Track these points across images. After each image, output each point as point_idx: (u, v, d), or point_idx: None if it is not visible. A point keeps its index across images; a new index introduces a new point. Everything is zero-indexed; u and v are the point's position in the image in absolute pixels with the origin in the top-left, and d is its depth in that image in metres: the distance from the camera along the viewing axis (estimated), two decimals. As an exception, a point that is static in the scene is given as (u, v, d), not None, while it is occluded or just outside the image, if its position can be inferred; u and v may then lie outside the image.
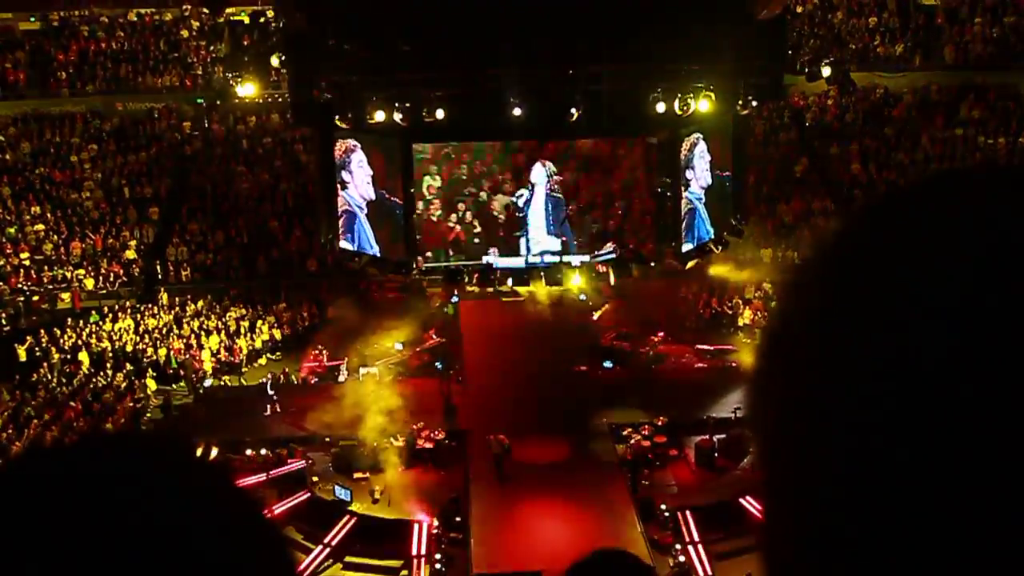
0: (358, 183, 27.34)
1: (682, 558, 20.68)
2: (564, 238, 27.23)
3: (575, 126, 26.64)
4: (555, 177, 26.93)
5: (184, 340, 30.57)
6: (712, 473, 23.98)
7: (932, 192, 0.75)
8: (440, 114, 24.61)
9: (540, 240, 27.12)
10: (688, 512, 22.09)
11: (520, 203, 27.15)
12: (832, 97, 39.82)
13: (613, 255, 27.27)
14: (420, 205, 27.35)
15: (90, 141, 37.97)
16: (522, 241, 27.26)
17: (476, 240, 27.35)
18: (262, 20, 29.63)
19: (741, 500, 22.59)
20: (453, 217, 27.36)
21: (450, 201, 27.22)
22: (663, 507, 22.28)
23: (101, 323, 31.14)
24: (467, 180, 27.43)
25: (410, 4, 23.78)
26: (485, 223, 27.29)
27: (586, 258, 27.57)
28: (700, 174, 28.40)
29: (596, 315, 31.39)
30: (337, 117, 25.76)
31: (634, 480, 23.29)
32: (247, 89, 27.59)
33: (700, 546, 21.42)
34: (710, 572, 20.91)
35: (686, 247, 27.76)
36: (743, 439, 24.51)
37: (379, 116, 24.96)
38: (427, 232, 27.32)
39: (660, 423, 24.84)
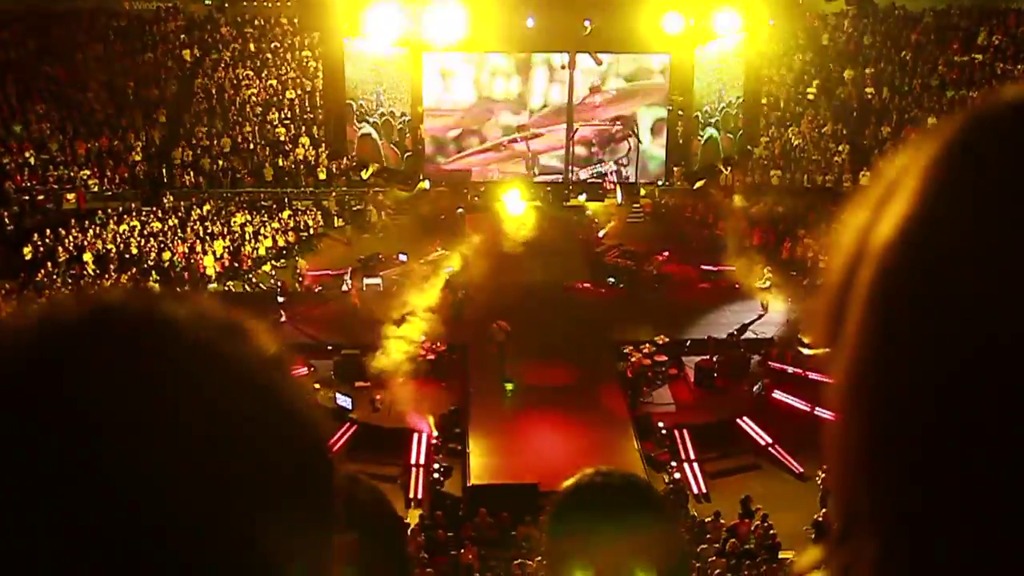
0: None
1: (677, 475, 20.93)
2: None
3: (588, 39, 26.40)
4: None
5: (188, 244, 30.57)
6: (711, 393, 24.13)
7: None
8: (454, 24, 24.33)
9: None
10: (685, 430, 22.30)
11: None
12: (850, 19, 39.18)
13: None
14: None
15: (96, 40, 37.49)
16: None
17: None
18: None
19: (738, 420, 22.81)
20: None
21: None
22: (660, 425, 22.49)
23: (106, 224, 31.11)
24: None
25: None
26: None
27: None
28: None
29: (602, 232, 31.32)
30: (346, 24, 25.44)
31: (633, 397, 23.46)
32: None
33: (696, 464, 21.68)
34: (704, 490, 21.20)
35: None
36: (743, 360, 24.66)
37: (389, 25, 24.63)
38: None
39: (661, 342, 24.90)
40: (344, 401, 23.16)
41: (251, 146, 34.87)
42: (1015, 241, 0.61)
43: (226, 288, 29.82)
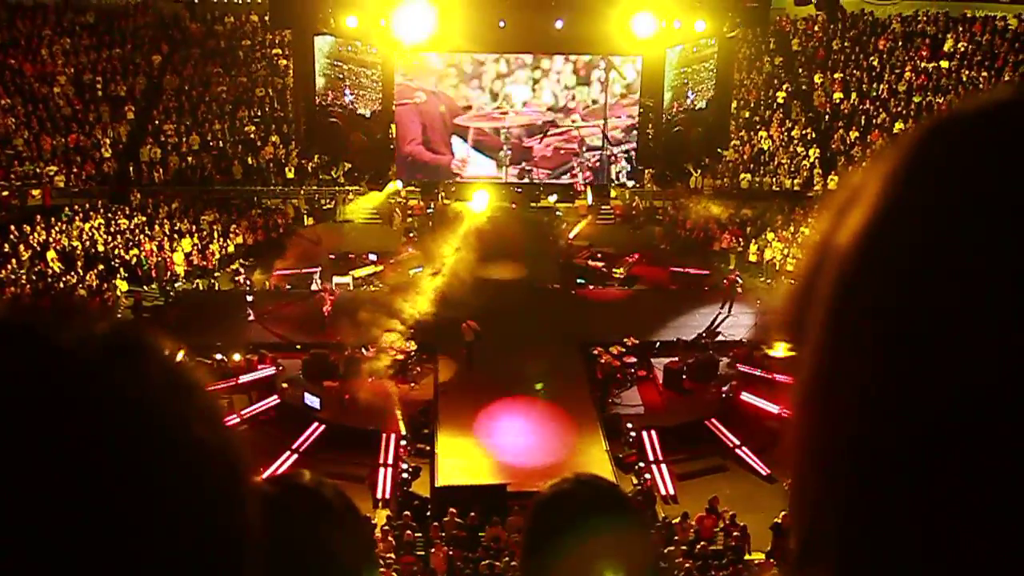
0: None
1: (646, 476, 20.97)
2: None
3: (560, 39, 26.53)
4: None
5: (156, 242, 30.28)
6: (679, 395, 24.19)
7: None
8: (428, 24, 24.32)
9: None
10: (653, 432, 22.34)
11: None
12: (819, 24, 39.48)
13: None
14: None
15: (63, 34, 37.07)
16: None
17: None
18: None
19: (706, 422, 22.88)
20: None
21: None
22: (629, 426, 22.51)
23: (72, 221, 30.74)
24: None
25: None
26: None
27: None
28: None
29: (572, 233, 31.37)
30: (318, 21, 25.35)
31: (602, 399, 23.48)
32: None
33: (664, 465, 21.72)
34: (672, 491, 21.24)
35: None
36: (711, 362, 24.75)
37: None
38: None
39: (630, 343, 24.95)
40: (312, 400, 23.03)
41: (220, 144, 34.60)
42: (968, 251, 0.60)
43: (194, 286, 29.60)
